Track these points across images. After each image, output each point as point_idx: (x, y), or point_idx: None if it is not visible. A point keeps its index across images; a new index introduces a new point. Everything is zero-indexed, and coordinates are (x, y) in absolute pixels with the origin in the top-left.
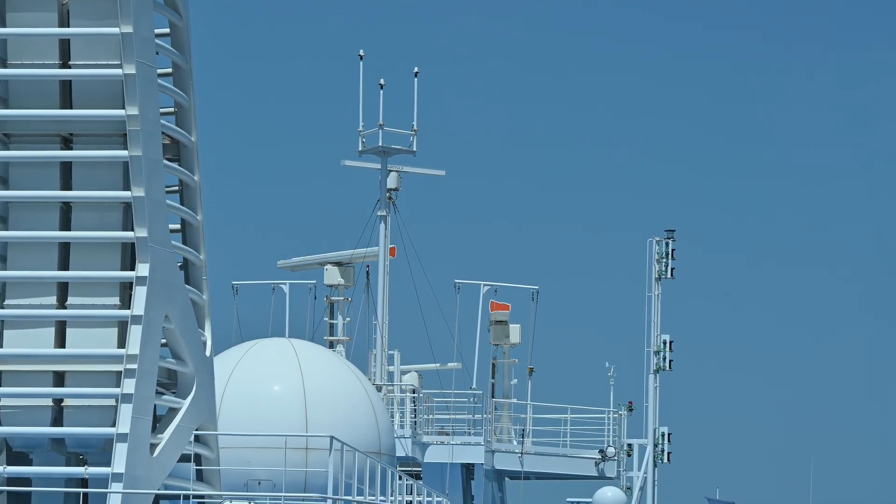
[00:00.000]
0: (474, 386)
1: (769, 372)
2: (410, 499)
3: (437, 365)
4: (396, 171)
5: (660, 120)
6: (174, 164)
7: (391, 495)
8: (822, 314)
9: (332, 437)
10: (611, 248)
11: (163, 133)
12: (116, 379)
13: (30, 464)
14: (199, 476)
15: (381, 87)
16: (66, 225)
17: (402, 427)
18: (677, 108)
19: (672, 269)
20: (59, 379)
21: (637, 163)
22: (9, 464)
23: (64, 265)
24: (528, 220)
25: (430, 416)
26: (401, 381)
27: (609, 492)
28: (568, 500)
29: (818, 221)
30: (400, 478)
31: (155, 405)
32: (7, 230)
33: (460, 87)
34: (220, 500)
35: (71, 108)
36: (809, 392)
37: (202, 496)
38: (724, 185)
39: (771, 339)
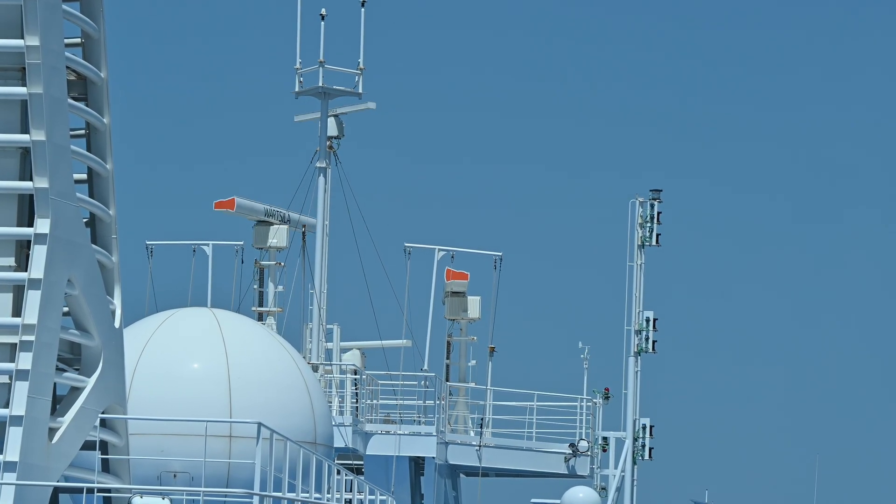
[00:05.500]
0: (426, 367)
1: (768, 357)
2: (350, 497)
3: (383, 342)
4: (334, 116)
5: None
6: (80, 105)
7: (328, 492)
8: (832, 289)
9: (259, 424)
10: (587, 209)
11: (68, 68)
12: (10, 352)
13: None
14: (105, 466)
15: (322, 19)
16: None
17: (341, 414)
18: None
19: (657, 236)
20: None
21: (621, 111)
22: None
23: None
24: (490, 176)
25: (375, 402)
26: (341, 361)
27: (580, 492)
28: (533, 500)
29: (824, 190)
30: (338, 472)
31: (55, 384)
32: None
33: (414, 20)
34: (128, 495)
35: None
36: (815, 380)
37: (108, 490)
38: (715, 146)
39: (771, 320)
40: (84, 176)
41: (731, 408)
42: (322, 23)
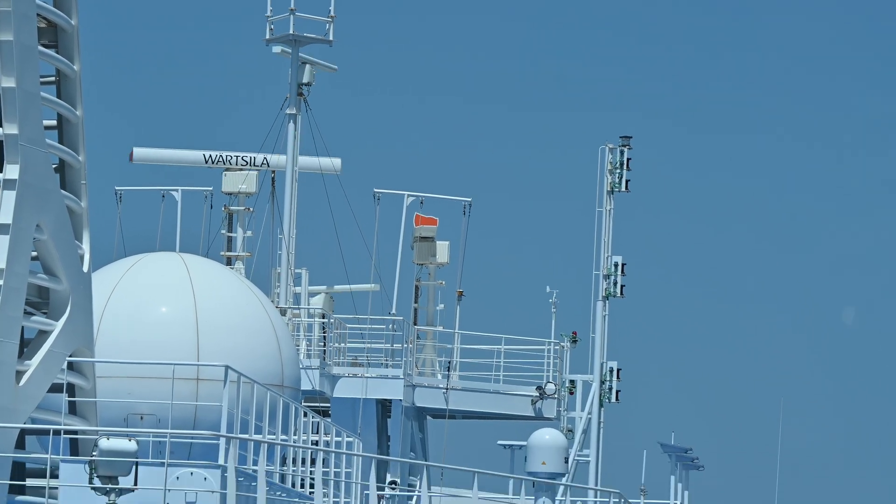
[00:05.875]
0: (394, 311)
1: (735, 301)
2: (317, 438)
3: (352, 286)
4: (307, 63)
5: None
6: (51, 51)
7: (294, 434)
8: (799, 233)
9: (227, 367)
10: (556, 155)
11: (38, 15)
12: None
13: None
14: (73, 409)
15: None
16: None
17: (308, 357)
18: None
19: (627, 182)
20: None
21: (592, 57)
22: None
23: None
24: (460, 122)
25: (342, 345)
26: (309, 305)
27: (547, 434)
28: (500, 442)
29: (794, 133)
30: (305, 414)
31: (22, 327)
32: None
33: None
34: (95, 437)
35: None
36: (781, 323)
37: (75, 431)
38: (686, 92)
39: (739, 265)
40: (54, 123)
41: (697, 352)
42: None
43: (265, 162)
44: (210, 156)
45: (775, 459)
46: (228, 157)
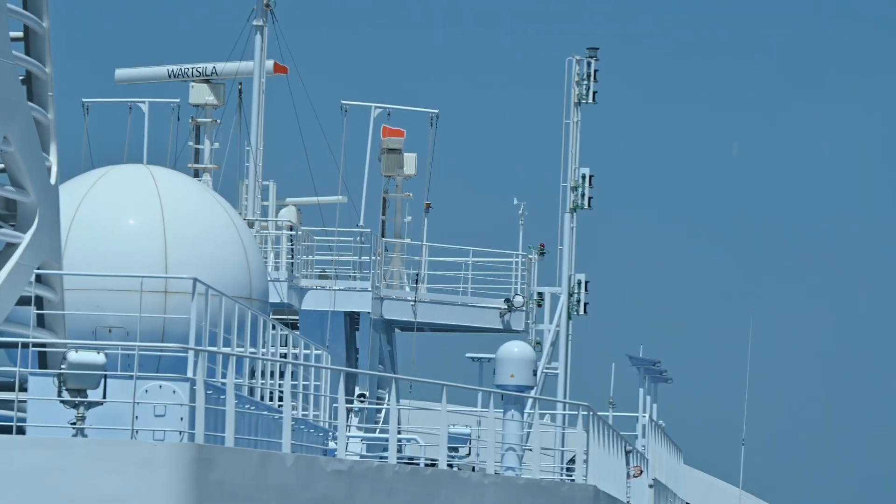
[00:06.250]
0: (361, 223)
1: (703, 214)
2: (285, 351)
3: (319, 199)
4: None
5: None
6: None
7: (263, 346)
8: (765, 146)
9: (195, 280)
10: (524, 67)
11: None
12: None
13: None
14: (41, 322)
15: None
16: None
17: (276, 269)
18: None
19: (594, 94)
20: None
21: None
22: None
23: None
24: (427, 33)
25: (310, 258)
26: (276, 217)
27: (515, 347)
28: (468, 355)
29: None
30: (273, 327)
31: None
32: None
33: None
34: (64, 350)
35: None
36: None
37: (43, 344)
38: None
39: (706, 177)
40: (20, 34)
41: (665, 264)
42: None
43: (234, 72)
44: (173, 70)
45: (744, 372)
46: (194, 70)
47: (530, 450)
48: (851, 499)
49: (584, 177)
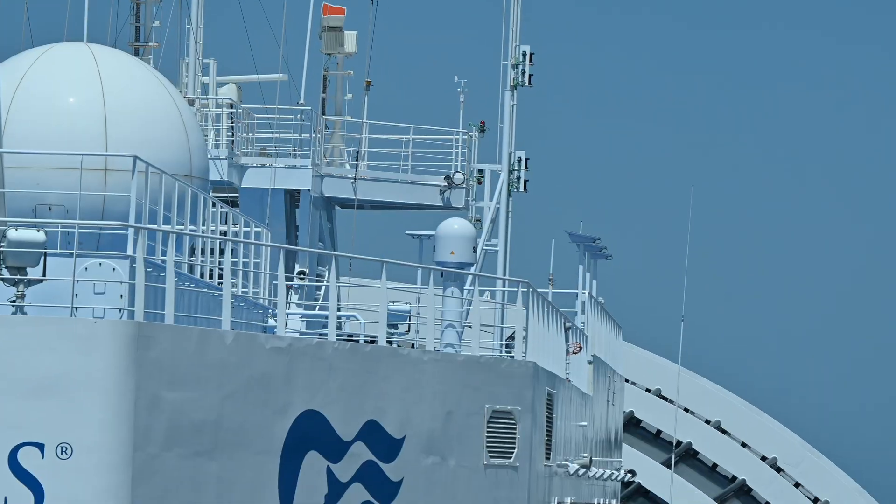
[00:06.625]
0: (302, 101)
1: (643, 89)
2: (225, 228)
3: (260, 76)
4: None
5: None
6: None
7: (203, 224)
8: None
9: (135, 157)
10: None
11: None
12: None
13: None
14: None
15: None
16: None
17: (216, 147)
18: None
19: None
20: None
21: None
22: None
23: None
24: None
25: (251, 135)
26: (217, 95)
27: (455, 224)
28: (408, 232)
29: None
30: (213, 204)
31: None
32: None
33: None
34: (3, 228)
35: None
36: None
37: None
38: None
39: (648, 54)
40: None
41: (605, 141)
42: None
43: None
44: None
45: (684, 249)
46: None
47: (470, 326)
48: (791, 370)
49: (524, 54)
